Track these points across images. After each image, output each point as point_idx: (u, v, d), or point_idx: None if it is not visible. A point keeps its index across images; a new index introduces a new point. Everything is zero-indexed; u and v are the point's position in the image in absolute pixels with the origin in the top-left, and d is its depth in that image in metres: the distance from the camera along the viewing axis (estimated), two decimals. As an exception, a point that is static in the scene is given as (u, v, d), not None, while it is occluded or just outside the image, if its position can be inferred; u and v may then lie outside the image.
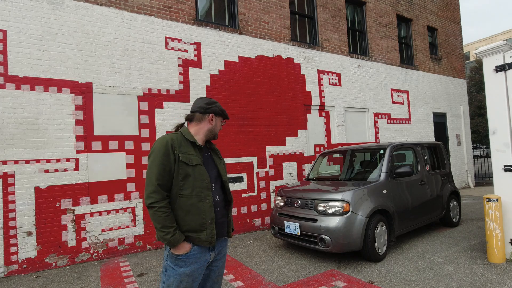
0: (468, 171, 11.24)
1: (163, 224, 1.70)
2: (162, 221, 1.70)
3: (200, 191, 1.80)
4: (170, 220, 1.73)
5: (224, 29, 6.33)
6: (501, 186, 3.99)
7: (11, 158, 4.33)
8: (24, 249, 4.34)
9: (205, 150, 1.99)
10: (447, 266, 3.86)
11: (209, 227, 1.81)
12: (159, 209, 1.71)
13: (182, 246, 1.76)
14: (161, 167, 1.75)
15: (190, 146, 1.86)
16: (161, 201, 1.72)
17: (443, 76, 11.10)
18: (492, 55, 4.06)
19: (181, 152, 1.80)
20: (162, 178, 1.74)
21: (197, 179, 1.80)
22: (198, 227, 1.78)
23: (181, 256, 1.76)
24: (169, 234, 1.71)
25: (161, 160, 1.76)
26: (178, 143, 1.82)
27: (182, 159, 1.78)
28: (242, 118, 6.37)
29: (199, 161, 1.84)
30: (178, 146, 1.80)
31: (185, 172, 1.78)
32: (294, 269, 4.04)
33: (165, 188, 1.76)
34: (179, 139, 1.84)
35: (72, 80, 4.80)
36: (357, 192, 4.17)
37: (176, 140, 1.83)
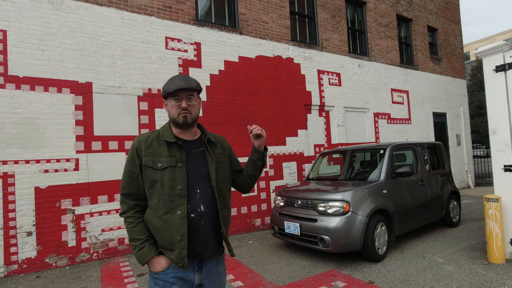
0: (468, 171, 11.24)
1: (130, 237, 1.50)
2: (129, 233, 1.51)
3: (168, 200, 1.47)
4: (138, 231, 1.49)
5: (224, 29, 6.33)
6: (501, 186, 3.99)
7: (11, 158, 4.33)
8: (24, 249, 4.34)
9: (196, 145, 1.63)
10: (447, 266, 3.86)
11: (178, 246, 1.44)
12: (126, 220, 1.53)
13: (156, 262, 1.48)
14: (128, 174, 1.53)
15: (165, 144, 1.53)
16: (127, 212, 1.53)
17: (443, 76, 11.10)
18: (492, 55, 4.06)
19: (147, 155, 1.51)
20: (129, 187, 1.53)
21: (166, 185, 1.48)
22: (167, 245, 1.47)
23: (157, 274, 1.49)
24: (136, 248, 1.48)
25: (128, 166, 1.54)
26: (148, 144, 1.53)
27: (147, 163, 1.50)
28: (242, 118, 6.37)
29: (173, 162, 1.50)
30: (145, 148, 1.52)
31: (151, 178, 1.49)
32: (294, 269, 4.04)
33: (133, 197, 1.53)
34: (150, 139, 1.55)
35: (72, 80, 4.80)
36: (357, 192, 4.17)
37: (146, 141, 1.54)
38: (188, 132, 1.62)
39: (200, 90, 1.63)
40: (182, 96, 1.54)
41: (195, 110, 1.59)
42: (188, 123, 1.56)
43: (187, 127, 1.59)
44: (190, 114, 1.56)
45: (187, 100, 1.55)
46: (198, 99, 1.63)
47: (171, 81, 1.56)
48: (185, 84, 1.53)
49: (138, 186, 1.53)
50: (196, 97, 1.61)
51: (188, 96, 1.55)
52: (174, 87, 1.52)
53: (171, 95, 1.55)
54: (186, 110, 1.54)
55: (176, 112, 1.55)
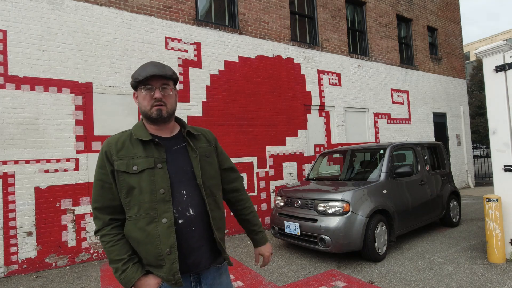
0: (468, 171, 11.24)
1: (110, 258, 1.26)
2: (108, 254, 1.27)
3: (150, 207, 1.25)
4: (118, 251, 1.26)
5: (224, 29, 6.34)
6: (501, 186, 4.00)
7: (11, 158, 4.33)
8: (24, 249, 4.34)
9: (177, 141, 1.41)
10: (447, 266, 3.86)
11: (167, 260, 1.24)
12: (102, 239, 1.29)
13: (144, 284, 1.26)
14: (99, 185, 1.31)
15: (139, 144, 1.32)
16: (102, 229, 1.30)
17: (443, 76, 11.10)
18: (492, 55, 4.06)
19: (119, 158, 1.28)
20: (101, 199, 1.30)
21: (145, 190, 1.26)
22: (154, 260, 1.25)
23: None
24: (117, 271, 1.25)
25: (98, 175, 1.32)
26: (118, 146, 1.31)
27: (120, 168, 1.27)
28: (242, 118, 6.37)
29: (151, 163, 1.28)
30: (116, 151, 1.30)
31: (127, 184, 1.27)
32: (294, 269, 4.04)
33: (107, 211, 1.31)
34: (122, 140, 1.33)
35: (72, 80, 4.80)
36: (357, 192, 4.17)
37: (116, 143, 1.32)
38: (165, 128, 1.40)
39: (176, 79, 1.42)
40: (155, 85, 1.32)
41: (171, 102, 1.37)
42: (163, 117, 1.34)
43: (163, 122, 1.37)
44: (165, 106, 1.34)
45: (161, 90, 1.33)
46: (174, 90, 1.41)
47: (142, 68, 1.35)
48: (158, 71, 1.31)
49: (112, 197, 1.30)
50: (172, 87, 1.38)
51: (162, 85, 1.33)
52: (145, 74, 1.30)
53: (142, 84, 1.32)
54: (160, 101, 1.32)
55: (149, 104, 1.33)
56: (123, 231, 1.32)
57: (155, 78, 1.32)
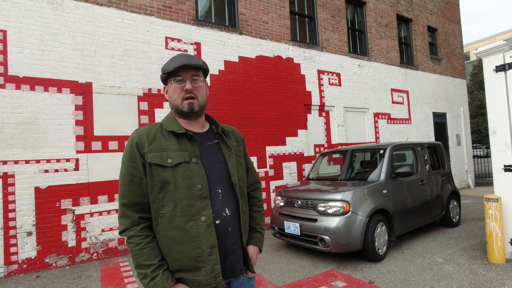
0: (468, 171, 11.24)
1: (137, 262, 1.17)
2: (135, 257, 1.17)
3: (188, 204, 1.18)
4: (147, 255, 1.16)
5: (224, 29, 6.34)
6: (501, 186, 3.99)
7: (11, 158, 4.33)
8: (24, 249, 4.34)
9: (208, 137, 1.36)
10: (447, 266, 3.86)
11: (208, 262, 1.17)
12: (130, 240, 1.19)
13: None
14: (127, 179, 1.22)
15: (172, 137, 1.26)
16: (130, 228, 1.20)
17: (443, 76, 11.10)
18: (492, 55, 4.06)
19: (152, 150, 1.21)
20: (131, 195, 1.21)
21: (181, 185, 1.19)
22: (192, 262, 1.17)
23: None
24: (146, 277, 1.15)
25: (127, 169, 1.22)
26: (150, 137, 1.24)
27: (153, 160, 1.20)
28: (242, 118, 6.37)
29: (186, 157, 1.22)
30: (148, 143, 1.23)
31: (161, 178, 1.19)
32: (294, 269, 4.04)
33: (136, 208, 1.21)
34: (153, 132, 1.27)
35: (72, 80, 4.80)
36: (357, 192, 4.17)
37: (147, 134, 1.25)
38: (196, 123, 1.34)
39: (207, 71, 1.36)
40: (185, 76, 1.27)
41: (202, 94, 1.32)
42: (194, 111, 1.28)
43: (194, 117, 1.32)
44: (196, 99, 1.29)
45: (192, 81, 1.28)
46: (205, 81, 1.35)
47: (171, 60, 1.29)
48: (188, 61, 1.26)
49: (141, 193, 1.21)
50: (202, 78, 1.33)
51: (192, 76, 1.28)
52: (175, 65, 1.25)
53: (172, 76, 1.28)
54: (191, 93, 1.27)
55: (179, 97, 1.27)
56: (152, 232, 1.22)
57: (185, 69, 1.27)
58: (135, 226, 1.20)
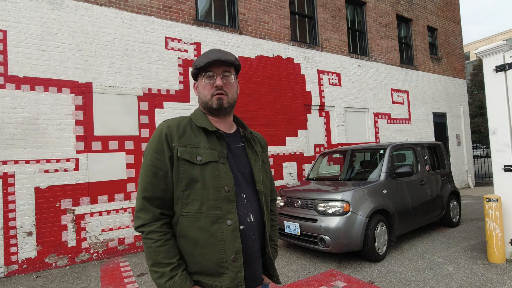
0: (468, 171, 11.24)
1: (154, 260, 1.10)
2: (153, 255, 1.10)
3: (215, 205, 1.13)
4: (167, 253, 1.10)
5: (224, 29, 6.33)
6: (501, 186, 3.99)
7: (11, 158, 4.33)
8: (24, 249, 4.34)
9: (235, 139, 1.30)
10: (447, 266, 3.86)
11: (232, 268, 1.11)
12: (148, 236, 1.11)
13: None
14: (151, 171, 1.15)
15: (201, 133, 1.21)
16: (150, 224, 1.12)
17: (443, 76, 11.10)
18: (492, 55, 4.06)
19: (181, 145, 1.16)
20: (153, 189, 1.14)
21: (209, 185, 1.13)
22: (214, 267, 1.11)
23: None
24: (163, 276, 1.08)
25: (152, 160, 1.16)
26: (180, 131, 1.19)
27: (183, 155, 1.14)
28: (242, 118, 6.31)
29: (215, 156, 1.17)
30: (178, 136, 1.17)
31: (189, 175, 1.14)
32: (294, 269, 4.04)
33: (158, 203, 1.14)
34: (183, 125, 1.21)
35: (72, 80, 4.80)
36: (357, 192, 4.17)
37: (177, 127, 1.19)
38: (224, 121, 1.29)
39: (239, 67, 1.30)
40: (216, 72, 1.22)
41: (232, 91, 1.26)
42: (224, 107, 1.23)
43: (223, 114, 1.26)
44: (226, 95, 1.23)
45: (223, 77, 1.23)
46: (236, 79, 1.29)
47: (203, 55, 1.25)
48: (220, 56, 1.21)
49: (165, 188, 1.15)
50: (234, 75, 1.27)
51: (224, 72, 1.23)
52: (206, 60, 1.20)
53: (203, 71, 1.23)
54: (221, 89, 1.22)
55: (209, 93, 1.22)
56: (171, 230, 1.15)
57: (217, 64, 1.22)
58: (155, 221, 1.13)
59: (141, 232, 1.13)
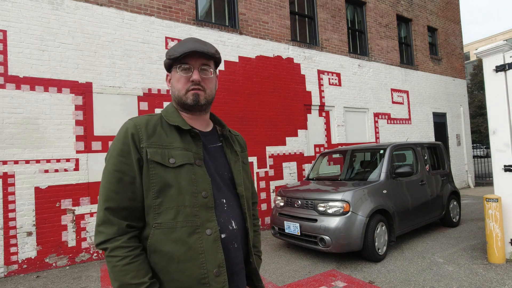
0: (468, 171, 11.24)
1: (121, 282, 0.93)
2: (119, 275, 0.93)
3: (192, 213, 0.99)
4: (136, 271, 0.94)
5: (224, 29, 6.33)
6: (501, 186, 4.00)
7: (11, 158, 4.33)
8: (24, 249, 4.34)
9: (212, 139, 1.18)
10: (447, 266, 3.86)
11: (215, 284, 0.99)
12: (112, 253, 0.94)
13: None
14: (115, 177, 0.99)
15: (174, 133, 1.07)
16: (114, 239, 0.95)
17: (443, 76, 11.11)
18: (492, 55, 4.06)
19: (151, 146, 1.01)
20: (118, 197, 0.98)
21: (185, 191, 1.00)
22: (194, 284, 0.98)
23: None
24: None
25: (116, 165, 1.00)
26: (149, 130, 1.04)
27: (153, 157, 1.00)
28: (242, 118, 6.37)
29: (190, 158, 1.04)
30: (147, 136, 1.02)
31: (161, 180, 0.99)
32: (294, 269, 4.04)
33: (124, 214, 0.98)
34: (152, 123, 1.06)
35: (72, 80, 4.80)
36: (357, 192, 4.17)
37: (146, 125, 1.05)
38: (200, 119, 1.16)
39: (219, 60, 1.17)
40: (193, 64, 1.08)
41: (210, 87, 1.13)
42: (200, 104, 1.10)
43: (199, 111, 1.13)
44: (203, 91, 1.10)
45: (201, 71, 1.10)
46: (215, 73, 1.16)
47: (180, 43, 1.10)
48: (199, 47, 1.07)
49: (133, 196, 0.99)
50: (213, 69, 1.14)
51: (202, 65, 1.10)
52: (182, 50, 1.06)
53: (178, 63, 1.08)
54: (198, 85, 1.09)
55: (184, 88, 1.09)
56: (141, 244, 1.00)
57: (194, 56, 1.07)
58: (121, 235, 0.96)
59: (103, 249, 0.96)
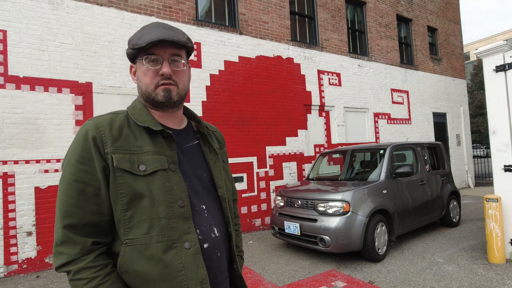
0: (468, 171, 11.24)
1: None
2: None
3: (168, 225, 0.88)
4: None
5: (224, 29, 6.33)
6: (501, 186, 4.00)
7: (11, 158, 4.33)
8: (24, 249, 4.34)
9: (187, 137, 1.06)
10: (447, 266, 3.86)
11: None
12: (76, 276, 0.82)
13: None
14: (75, 189, 0.85)
15: (143, 134, 0.94)
16: (78, 259, 0.83)
17: (443, 76, 11.11)
18: (492, 55, 4.06)
19: (117, 151, 0.88)
20: (79, 212, 0.84)
21: (160, 201, 0.88)
22: None
23: None
24: None
25: (74, 174, 0.86)
26: (114, 132, 0.91)
27: (120, 165, 0.87)
28: (242, 118, 6.37)
29: (164, 163, 0.92)
30: (112, 140, 0.89)
31: (131, 190, 0.87)
32: (294, 269, 4.04)
33: (88, 230, 0.85)
34: (117, 124, 0.92)
35: (72, 80, 4.80)
36: (357, 192, 4.17)
37: (110, 127, 0.91)
38: (172, 116, 1.03)
39: (191, 49, 1.02)
40: (162, 55, 0.94)
41: (183, 80, 1.00)
42: (172, 101, 0.96)
43: (171, 107, 0.99)
44: (176, 86, 0.97)
45: (171, 62, 0.95)
46: (187, 64, 1.02)
47: (144, 29, 0.95)
48: (169, 35, 0.92)
49: (97, 210, 0.86)
50: (185, 60, 1.00)
51: (172, 56, 0.95)
52: (148, 39, 0.91)
53: (143, 53, 0.94)
54: (169, 79, 0.95)
55: (152, 83, 0.94)
56: (110, 260, 0.88)
57: (163, 46, 0.93)
58: (86, 255, 0.83)
59: (66, 272, 0.84)
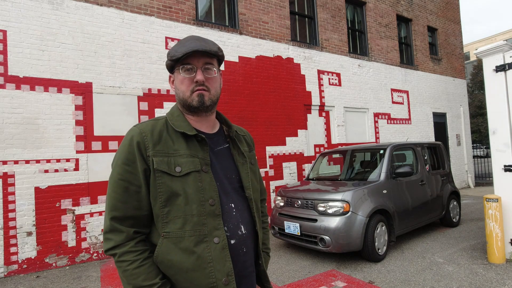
0: (468, 171, 11.24)
1: (134, 285, 0.96)
2: (131, 279, 0.96)
3: (199, 222, 0.99)
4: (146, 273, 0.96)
5: (224, 29, 6.34)
6: (501, 186, 4.00)
7: (11, 158, 4.33)
8: (24, 249, 4.34)
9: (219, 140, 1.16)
10: (447, 266, 3.86)
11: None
12: (121, 258, 0.96)
13: None
14: (121, 186, 0.99)
15: (180, 138, 1.05)
16: (123, 245, 0.97)
17: (443, 76, 11.11)
18: (492, 55, 4.06)
19: (157, 154, 1.00)
20: (124, 207, 0.98)
21: (193, 200, 0.99)
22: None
23: None
24: None
25: (122, 174, 1.00)
26: (155, 137, 1.02)
27: (160, 167, 0.99)
28: (242, 118, 6.37)
29: (197, 165, 1.02)
30: (153, 144, 1.01)
31: (168, 189, 0.99)
32: (294, 269, 4.04)
33: (130, 223, 0.99)
34: (158, 130, 1.04)
35: (72, 80, 4.80)
36: (357, 192, 4.17)
37: (152, 132, 1.03)
38: (206, 120, 1.14)
39: (222, 58, 1.12)
40: (196, 64, 1.05)
41: (215, 86, 1.10)
42: (205, 105, 1.07)
43: (205, 112, 1.10)
44: (208, 91, 1.07)
45: (204, 70, 1.06)
46: (219, 71, 1.13)
47: (180, 43, 1.06)
48: (201, 46, 1.03)
49: (138, 205, 1.00)
50: (216, 68, 1.10)
51: (205, 64, 1.06)
52: (184, 50, 1.02)
53: (180, 64, 1.05)
54: (202, 85, 1.05)
55: (188, 90, 1.05)
56: (148, 247, 1.01)
57: (197, 56, 1.04)
58: (129, 241, 0.98)
59: (113, 255, 0.98)
